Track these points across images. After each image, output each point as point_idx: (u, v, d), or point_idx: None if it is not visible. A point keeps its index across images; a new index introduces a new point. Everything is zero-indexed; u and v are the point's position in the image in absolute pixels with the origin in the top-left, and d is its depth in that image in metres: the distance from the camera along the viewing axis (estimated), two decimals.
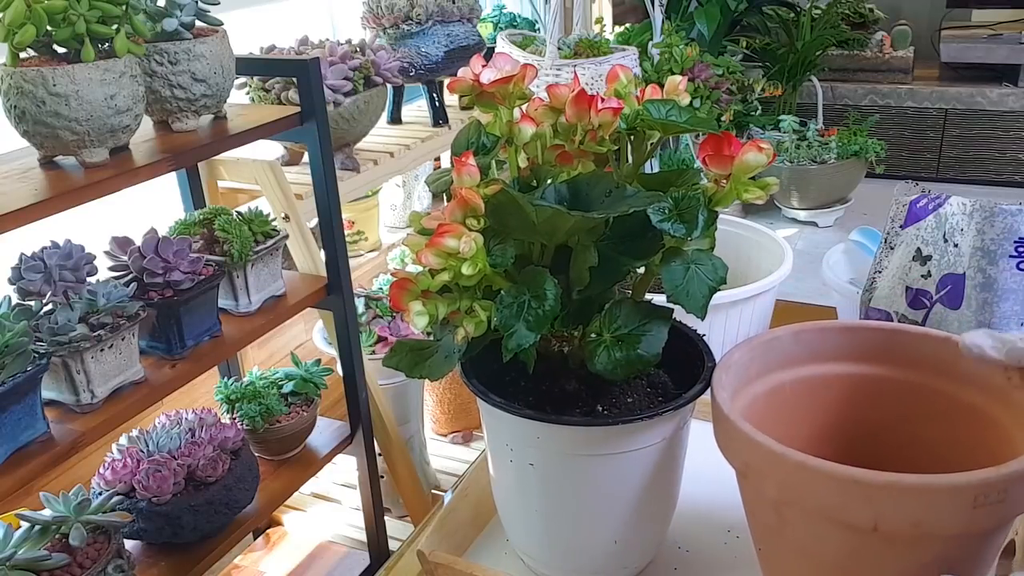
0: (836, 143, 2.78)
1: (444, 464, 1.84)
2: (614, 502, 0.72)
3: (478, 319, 0.65)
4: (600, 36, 2.29)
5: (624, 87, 0.71)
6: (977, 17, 3.56)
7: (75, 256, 1.03)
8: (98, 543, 0.94)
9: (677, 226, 0.65)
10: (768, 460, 0.61)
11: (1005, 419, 0.68)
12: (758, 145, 0.66)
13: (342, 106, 1.43)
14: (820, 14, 3.23)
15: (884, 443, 0.76)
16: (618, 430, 0.68)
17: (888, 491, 0.56)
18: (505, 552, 0.83)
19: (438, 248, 0.62)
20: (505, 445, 0.73)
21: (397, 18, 1.72)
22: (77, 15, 0.90)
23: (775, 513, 0.64)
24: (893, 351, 0.76)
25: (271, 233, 1.24)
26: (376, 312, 1.61)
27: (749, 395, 0.73)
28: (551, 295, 0.64)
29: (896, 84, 3.47)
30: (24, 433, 0.92)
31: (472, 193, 0.64)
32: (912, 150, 3.50)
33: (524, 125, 0.70)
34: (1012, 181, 3.38)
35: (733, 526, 0.84)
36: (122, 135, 0.98)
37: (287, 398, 1.38)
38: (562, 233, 0.66)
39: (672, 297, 0.66)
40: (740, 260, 1.71)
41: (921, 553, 0.59)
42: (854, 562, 0.61)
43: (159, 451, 1.14)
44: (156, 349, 1.10)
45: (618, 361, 0.67)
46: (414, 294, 0.65)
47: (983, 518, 0.56)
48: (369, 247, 1.94)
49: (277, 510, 1.61)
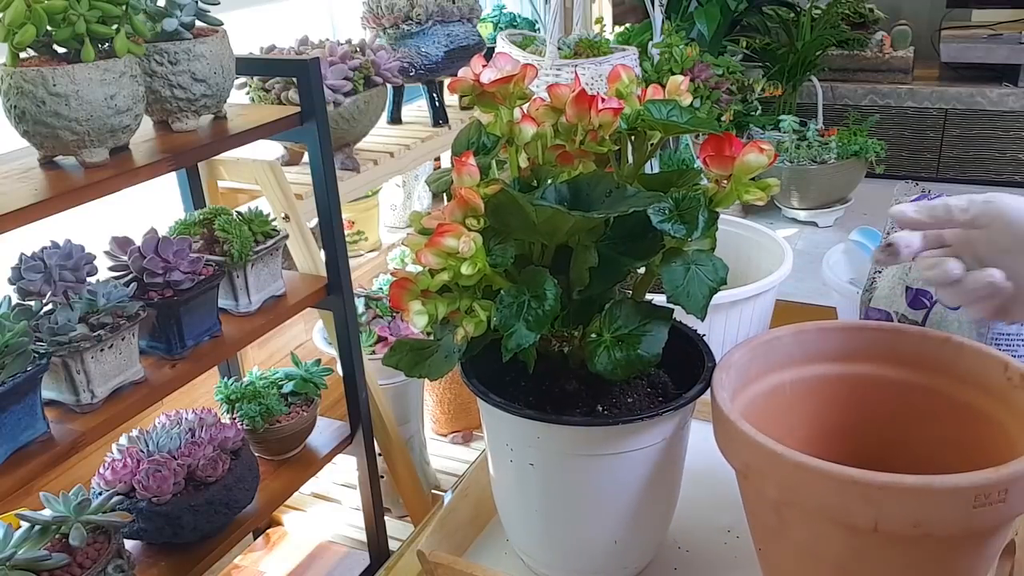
0: (836, 143, 2.78)
1: (444, 464, 1.84)
2: (614, 502, 0.72)
3: (478, 319, 0.65)
4: (600, 36, 2.29)
5: (626, 87, 0.71)
6: (977, 17, 3.56)
7: (75, 256, 1.03)
8: (98, 543, 0.94)
9: (678, 227, 0.65)
10: (768, 460, 0.61)
11: (1005, 419, 0.68)
12: (759, 146, 0.66)
13: (342, 106, 1.43)
14: (820, 14, 3.23)
15: (884, 443, 0.76)
16: (618, 430, 0.68)
17: (888, 491, 0.56)
18: (505, 552, 0.83)
19: (437, 248, 0.62)
20: (505, 445, 0.73)
21: (397, 18, 1.72)
22: (77, 15, 0.90)
23: (775, 513, 0.64)
24: (893, 351, 0.76)
25: (271, 233, 1.24)
26: (376, 312, 1.61)
27: (749, 395, 0.73)
28: (551, 295, 0.64)
29: (896, 84, 3.47)
30: (24, 433, 0.92)
31: (472, 193, 0.64)
32: (912, 150, 3.50)
33: (525, 125, 0.70)
34: (1012, 181, 3.38)
35: (733, 526, 0.84)
36: (122, 135, 0.98)
37: (287, 398, 1.38)
38: (562, 233, 0.66)
39: (672, 298, 0.66)
40: (740, 260, 1.71)
41: (921, 553, 0.59)
42: (854, 562, 0.61)
43: (159, 451, 1.14)
44: (156, 349, 1.10)
45: (618, 361, 0.67)
46: (414, 293, 0.65)
47: (983, 518, 0.56)
48: (369, 247, 1.94)
49: (277, 510, 1.61)
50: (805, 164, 2.72)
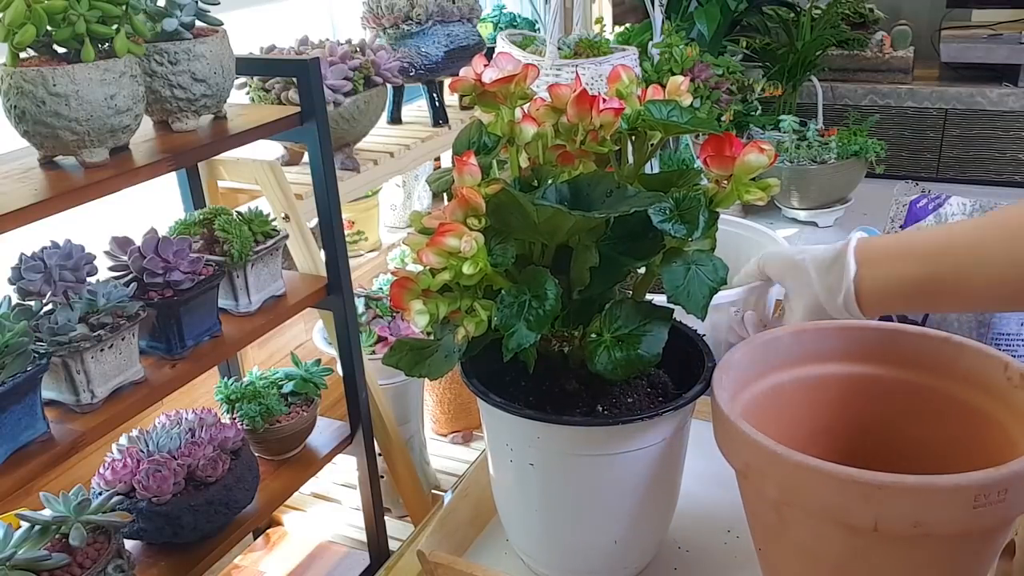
0: (836, 143, 2.78)
1: (444, 464, 1.84)
2: (615, 502, 0.72)
3: (478, 318, 0.65)
4: (600, 36, 2.29)
5: (626, 87, 0.71)
6: (977, 17, 3.56)
7: (75, 256, 1.03)
8: (98, 543, 0.94)
9: (678, 227, 0.65)
10: (768, 460, 0.61)
11: (1005, 419, 0.68)
12: (759, 146, 0.66)
13: (342, 106, 1.43)
14: (820, 14, 3.23)
15: (884, 443, 0.76)
16: (619, 430, 0.68)
17: (889, 491, 0.56)
18: (505, 552, 0.83)
19: (439, 247, 0.62)
20: (505, 445, 0.73)
21: (397, 18, 1.72)
22: (77, 15, 0.90)
23: (775, 513, 0.64)
24: (892, 351, 0.76)
25: (271, 233, 1.24)
26: (376, 312, 1.61)
27: (749, 395, 0.73)
28: (552, 295, 0.64)
29: (896, 84, 3.47)
30: (24, 433, 0.92)
31: (473, 192, 0.64)
32: (912, 150, 3.50)
33: (526, 125, 0.70)
34: (1012, 181, 3.38)
35: (733, 526, 0.84)
36: (122, 135, 0.98)
37: (287, 398, 1.38)
38: (563, 233, 0.67)
39: (673, 297, 0.66)
40: (740, 260, 1.70)
41: (921, 553, 0.60)
42: (854, 562, 0.61)
43: (159, 451, 1.14)
44: (156, 349, 1.10)
45: (618, 361, 0.67)
46: (415, 293, 0.65)
47: (983, 518, 0.56)
48: (369, 247, 1.94)
49: (277, 510, 1.61)
50: (805, 164, 2.72)
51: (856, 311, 0.79)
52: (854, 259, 0.78)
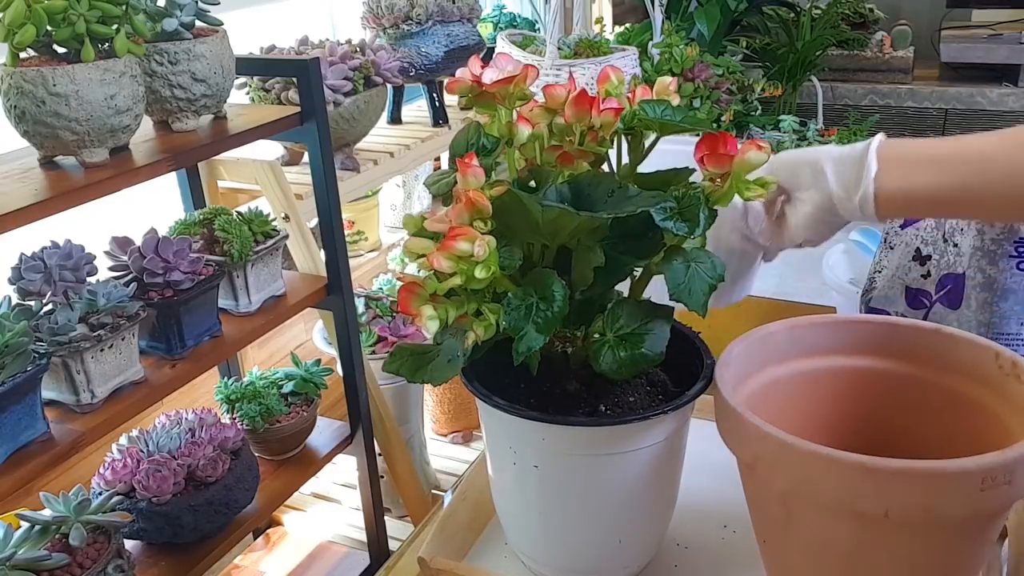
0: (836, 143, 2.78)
1: (444, 464, 1.84)
2: (618, 501, 0.72)
3: (487, 322, 0.65)
4: (600, 36, 2.29)
5: (615, 88, 0.71)
6: (977, 17, 3.56)
7: (75, 256, 1.03)
8: (98, 543, 0.94)
9: (680, 225, 0.65)
10: (778, 451, 0.61)
11: (999, 409, 0.69)
12: (757, 143, 0.66)
13: (342, 106, 1.43)
14: (820, 14, 3.23)
15: (879, 435, 0.77)
16: (624, 429, 0.68)
17: (899, 478, 0.57)
18: (505, 555, 0.83)
19: (451, 251, 0.62)
20: (508, 447, 0.73)
21: (397, 18, 1.72)
22: (77, 15, 0.90)
23: (782, 505, 0.64)
24: (886, 344, 0.76)
25: (271, 233, 1.24)
26: (376, 312, 1.61)
27: (746, 390, 0.73)
28: (559, 296, 0.64)
29: (896, 84, 3.47)
30: (24, 433, 0.92)
31: (479, 195, 0.64)
32: None
33: (521, 126, 0.70)
34: None
35: (730, 521, 0.84)
36: (122, 135, 0.98)
37: (287, 398, 1.38)
38: (566, 234, 0.66)
39: (675, 295, 0.66)
40: None
41: (928, 539, 0.60)
42: (862, 551, 0.61)
43: (159, 451, 1.14)
44: (156, 349, 1.10)
45: (623, 360, 0.67)
46: (423, 298, 0.65)
47: (990, 500, 0.57)
48: (369, 247, 1.94)
49: (277, 510, 1.61)
50: None
51: (871, 212, 0.75)
52: (875, 160, 0.75)
